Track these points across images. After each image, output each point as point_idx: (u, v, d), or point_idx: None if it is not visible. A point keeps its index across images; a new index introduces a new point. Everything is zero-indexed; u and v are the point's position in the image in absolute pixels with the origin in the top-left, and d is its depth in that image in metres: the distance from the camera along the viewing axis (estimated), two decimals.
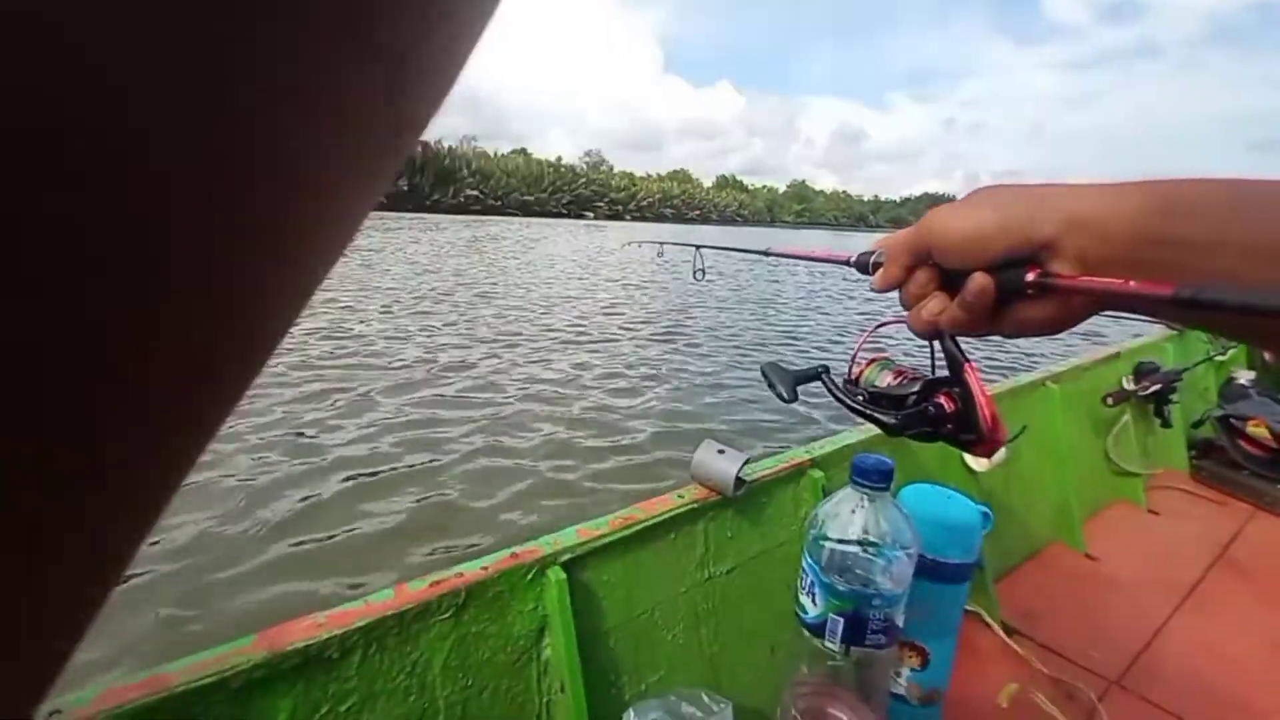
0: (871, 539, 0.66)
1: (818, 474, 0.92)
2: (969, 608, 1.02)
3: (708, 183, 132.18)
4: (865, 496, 0.66)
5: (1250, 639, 1.08)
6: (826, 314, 9.39)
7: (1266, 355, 2.16)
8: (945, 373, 0.45)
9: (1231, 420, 1.68)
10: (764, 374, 0.56)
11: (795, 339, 7.36)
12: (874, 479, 0.65)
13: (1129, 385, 1.56)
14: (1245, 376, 1.85)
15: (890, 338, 0.58)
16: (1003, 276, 0.34)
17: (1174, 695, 0.93)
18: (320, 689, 0.52)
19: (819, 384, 0.54)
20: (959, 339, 0.43)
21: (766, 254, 0.74)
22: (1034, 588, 1.19)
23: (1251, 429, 1.63)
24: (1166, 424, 1.64)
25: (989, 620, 1.05)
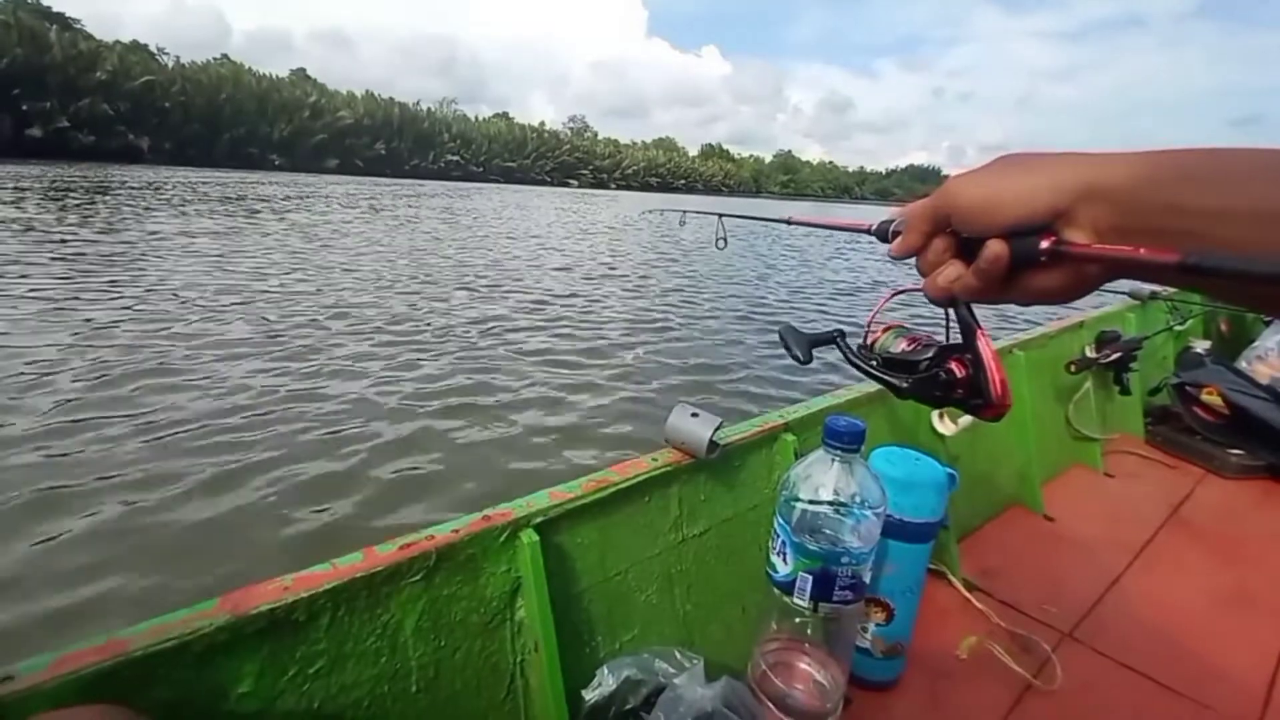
0: (841, 500, 0.67)
1: (790, 437, 0.93)
2: (932, 565, 1.05)
3: (693, 151, 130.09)
4: (836, 459, 0.67)
5: (1196, 594, 1.14)
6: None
7: (1220, 326, 2.24)
8: (959, 339, 0.46)
9: (1187, 388, 1.75)
10: (781, 336, 0.57)
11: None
12: (845, 441, 0.66)
13: (1091, 353, 1.60)
14: (1201, 346, 1.92)
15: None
16: (1017, 244, 0.34)
17: (1123, 646, 0.98)
18: (287, 652, 0.52)
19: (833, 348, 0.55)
20: (973, 306, 0.43)
21: (789, 222, 0.74)
22: (994, 546, 1.23)
23: (1205, 396, 1.70)
24: (1125, 391, 1.70)
25: (951, 577, 1.09)
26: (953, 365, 0.46)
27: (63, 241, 7.94)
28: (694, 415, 0.81)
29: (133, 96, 45.80)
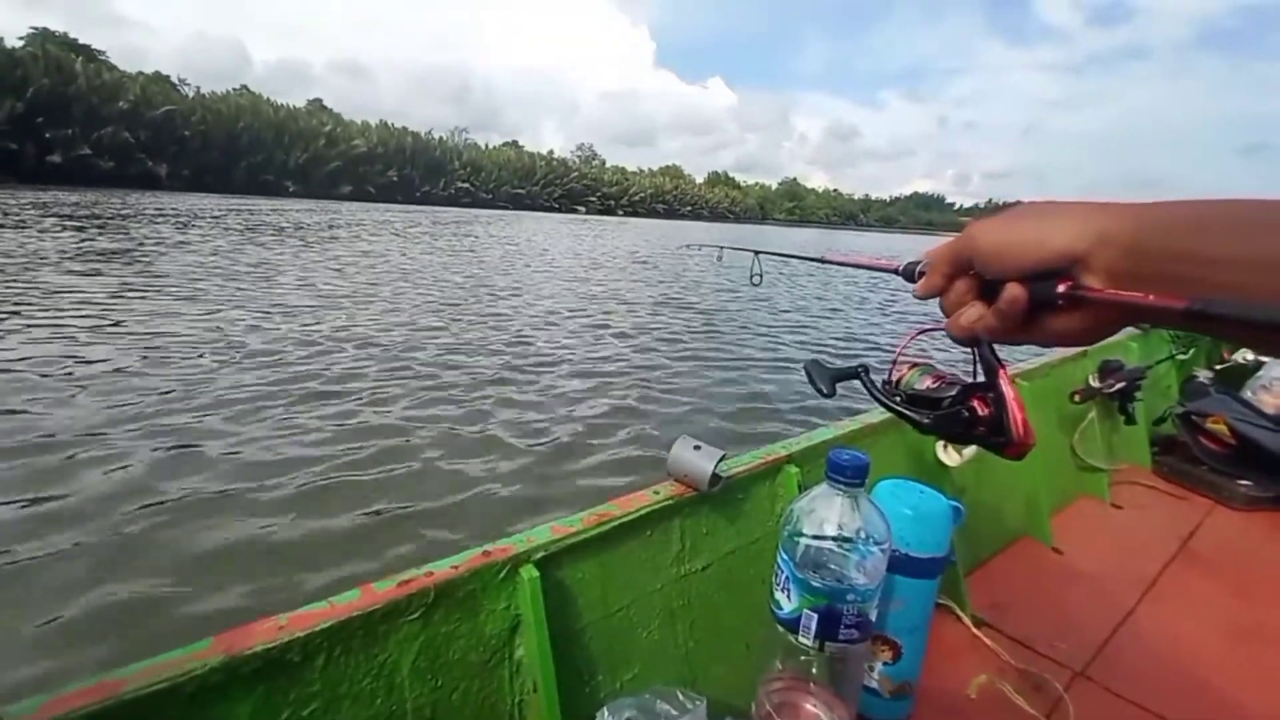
0: (846, 535, 0.66)
1: (794, 470, 0.92)
2: (940, 601, 1.03)
3: (700, 179, 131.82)
4: (840, 492, 0.66)
5: (1209, 629, 1.12)
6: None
7: (1224, 354, 2.23)
8: (983, 378, 0.46)
9: (1192, 417, 1.73)
10: (806, 370, 0.58)
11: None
12: (849, 475, 0.65)
13: (1095, 383, 1.60)
14: (1205, 375, 1.91)
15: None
16: (1036, 287, 0.35)
17: (1137, 684, 0.96)
18: (281, 694, 0.51)
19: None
20: (996, 347, 0.44)
21: (823, 261, 0.76)
22: (1003, 581, 1.21)
23: (1211, 425, 1.68)
24: (1130, 420, 1.68)
25: (959, 613, 1.07)
26: (975, 403, 0.47)
27: (159, 274, 8.32)
28: (696, 448, 0.80)
29: (153, 125, 46.97)
